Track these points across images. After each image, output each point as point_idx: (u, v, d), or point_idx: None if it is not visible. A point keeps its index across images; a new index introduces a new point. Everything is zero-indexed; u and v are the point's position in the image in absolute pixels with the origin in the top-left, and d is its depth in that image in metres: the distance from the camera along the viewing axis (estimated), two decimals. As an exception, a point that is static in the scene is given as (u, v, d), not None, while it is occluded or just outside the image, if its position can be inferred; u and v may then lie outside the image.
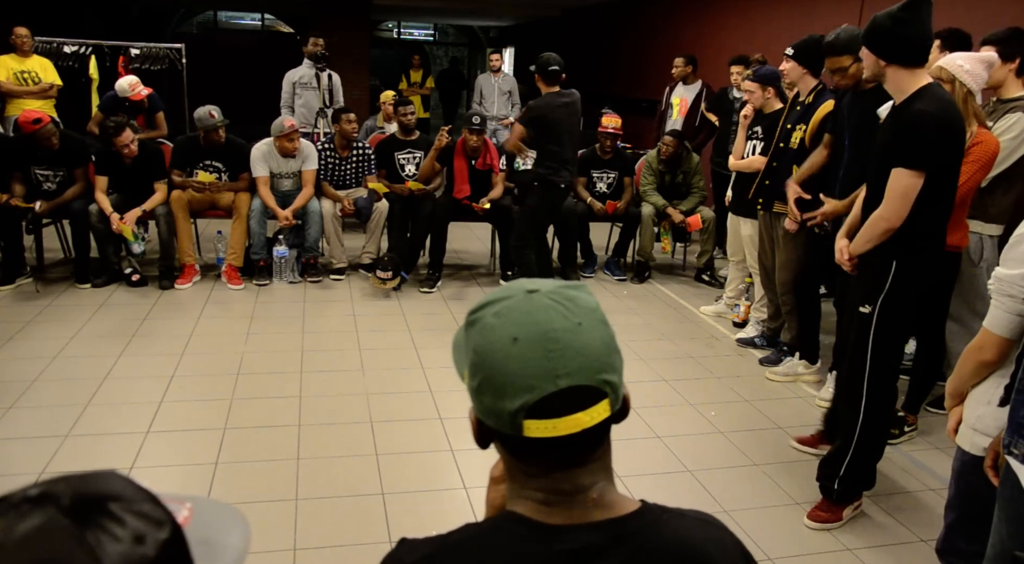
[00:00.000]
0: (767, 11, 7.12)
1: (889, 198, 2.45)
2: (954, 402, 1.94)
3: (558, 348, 0.74)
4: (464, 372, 0.81)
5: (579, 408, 0.74)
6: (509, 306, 0.77)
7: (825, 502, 2.75)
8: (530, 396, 0.73)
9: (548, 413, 0.73)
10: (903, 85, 2.43)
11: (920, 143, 2.37)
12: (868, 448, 2.67)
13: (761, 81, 4.22)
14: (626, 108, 8.29)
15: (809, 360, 3.98)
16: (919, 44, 2.39)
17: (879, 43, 2.40)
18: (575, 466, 0.78)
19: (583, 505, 0.78)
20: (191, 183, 5.10)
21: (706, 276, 5.75)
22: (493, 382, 0.75)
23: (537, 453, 0.77)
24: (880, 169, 2.53)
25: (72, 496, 0.51)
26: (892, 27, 2.35)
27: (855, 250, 2.65)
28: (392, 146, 5.63)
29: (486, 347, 0.76)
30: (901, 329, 2.63)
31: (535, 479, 0.79)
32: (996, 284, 1.71)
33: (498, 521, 0.81)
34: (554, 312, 0.76)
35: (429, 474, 2.93)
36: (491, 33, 19.03)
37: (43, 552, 0.48)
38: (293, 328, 4.39)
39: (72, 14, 12.27)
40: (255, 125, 6.31)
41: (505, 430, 0.75)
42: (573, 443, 0.76)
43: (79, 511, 0.50)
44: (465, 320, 0.82)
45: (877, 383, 2.60)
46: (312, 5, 11.01)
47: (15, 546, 0.47)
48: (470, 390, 0.79)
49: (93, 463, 2.87)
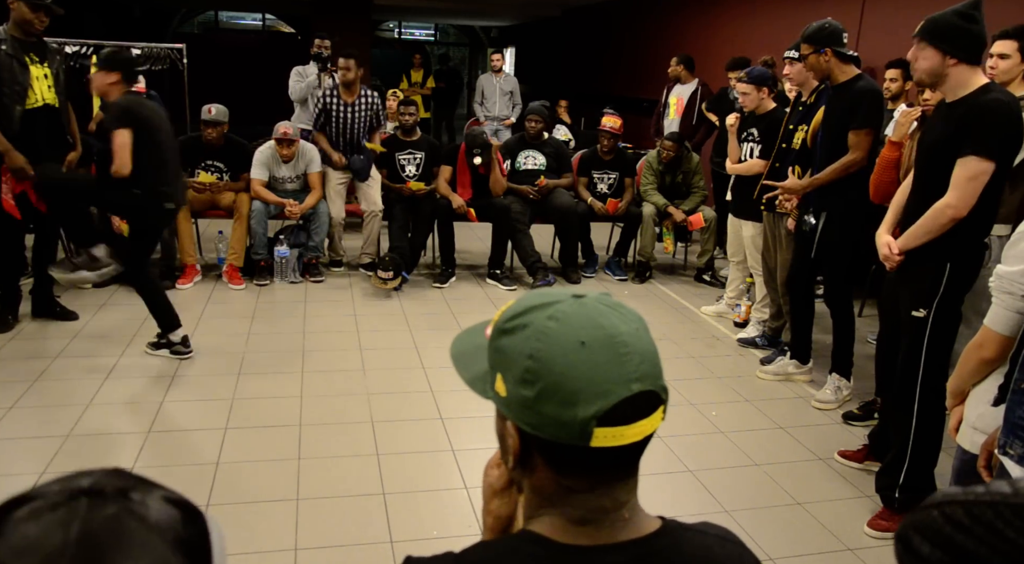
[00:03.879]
0: (767, 11, 7.12)
1: (957, 187, 2.42)
2: (955, 401, 1.93)
3: (628, 352, 0.71)
4: (500, 381, 0.75)
5: (644, 415, 0.72)
6: (564, 311, 0.73)
7: (886, 511, 2.74)
8: (604, 402, 0.69)
9: (618, 420, 0.70)
10: (967, 82, 2.43)
11: (994, 131, 2.37)
12: (924, 453, 2.66)
13: (755, 82, 4.22)
14: (626, 108, 8.29)
15: (800, 360, 3.97)
16: (983, 41, 2.43)
17: (948, 39, 2.39)
18: (620, 480, 0.76)
19: (613, 523, 0.75)
20: (192, 183, 5.11)
21: (707, 276, 5.74)
22: (561, 389, 0.70)
23: (591, 466, 0.73)
24: (933, 163, 2.52)
25: (105, 485, 0.52)
26: (962, 23, 2.37)
27: (910, 244, 2.59)
28: (393, 146, 5.62)
29: (549, 352, 0.71)
30: (953, 331, 2.62)
31: (576, 495, 0.75)
32: (996, 281, 1.71)
33: (515, 542, 0.77)
34: (614, 316, 0.73)
35: (430, 474, 2.93)
36: (492, 33, 19.03)
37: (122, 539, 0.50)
38: (294, 328, 4.39)
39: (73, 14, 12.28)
40: (256, 125, 6.31)
41: (571, 440, 0.71)
42: (628, 454, 0.73)
43: (115, 495, 0.52)
44: (498, 327, 0.76)
45: (929, 388, 2.59)
46: (313, 5, 11.03)
47: (110, 541, 0.49)
48: (518, 400, 0.73)
49: (93, 463, 2.86)
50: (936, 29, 2.41)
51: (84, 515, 0.49)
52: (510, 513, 0.87)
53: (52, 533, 0.48)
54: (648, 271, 5.75)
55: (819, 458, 3.20)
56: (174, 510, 0.54)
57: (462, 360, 0.84)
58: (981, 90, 2.42)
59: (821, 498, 2.89)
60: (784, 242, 3.94)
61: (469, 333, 0.87)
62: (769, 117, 4.23)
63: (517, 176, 5.72)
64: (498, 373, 0.75)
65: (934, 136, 2.56)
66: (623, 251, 5.97)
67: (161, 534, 0.51)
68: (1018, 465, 1.53)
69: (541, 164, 5.77)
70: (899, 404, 2.70)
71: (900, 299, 2.73)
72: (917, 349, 2.60)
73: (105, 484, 0.52)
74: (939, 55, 2.41)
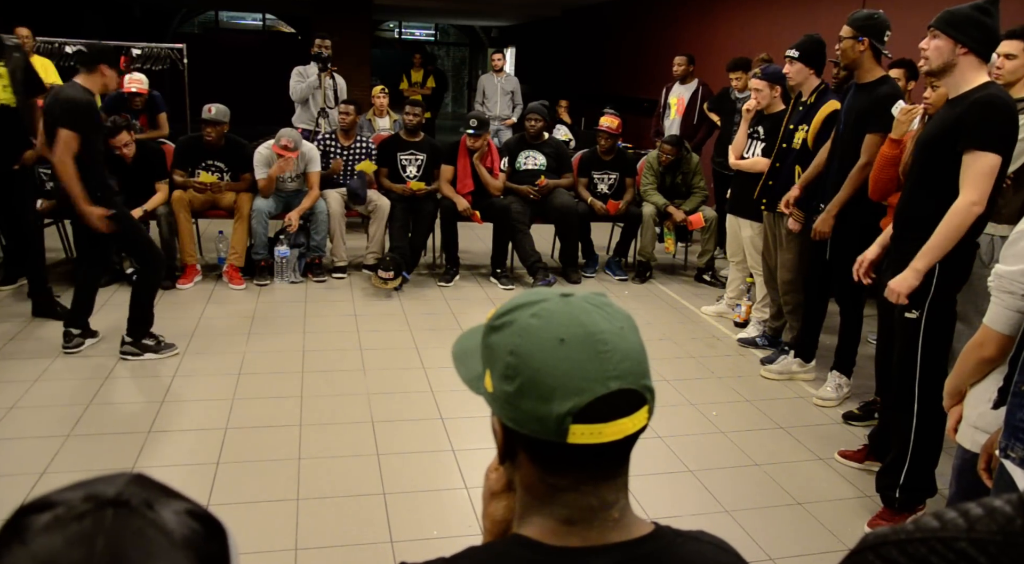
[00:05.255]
0: (767, 11, 7.12)
1: (976, 183, 2.41)
2: (953, 401, 1.93)
3: (607, 349, 0.71)
4: (488, 377, 0.77)
5: (624, 414, 0.72)
6: (547, 309, 0.74)
7: (887, 511, 2.74)
8: (580, 399, 0.70)
9: (595, 418, 0.71)
10: (971, 76, 2.44)
11: (996, 126, 2.39)
12: (925, 454, 2.66)
13: (769, 79, 4.21)
14: (626, 108, 8.29)
15: (804, 359, 3.97)
16: (994, 36, 2.45)
17: (962, 29, 2.41)
18: (606, 479, 0.76)
19: (603, 524, 0.75)
20: (193, 183, 5.11)
21: (707, 276, 5.74)
22: (538, 385, 0.71)
23: (573, 463, 0.74)
24: (927, 157, 2.53)
25: (125, 494, 0.52)
26: (977, 15, 2.39)
27: (937, 256, 2.50)
28: (395, 146, 5.62)
29: (528, 348, 0.72)
30: (949, 330, 2.62)
31: (562, 494, 0.75)
32: (996, 280, 1.71)
33: (504, 547, 0.78)
34: (597, 315, 0.74)
35: (430, 474, 2.93)
36: (492, 33, 19.04)
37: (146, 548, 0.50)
38: (294, 328, 4.39)
39: (73, 14, 12.29)
40: (256, 125, 6.31)
41: (548, 436, 0.71)
42: (610, 452, 0.74)
43: (136, 506, 0.52)
44: (489, 324, 0.78)
45: (928, 388, 2.59)
46: (313, 5, 11.03)
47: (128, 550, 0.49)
48: (501, 396, 0.74)
49: (94, 463, 2.88)
50: (952, 18, 2.43)
51: (109, 528, 0.49)
52: (508, 517, 0.87)
53: (76, 547, 0.47)
54: (648, 271, 5.75)
55: (819, 458, 3.20)
56: (198, 525, 0.53)
57: (462, 359, 0.84)
58: (981, 87, 2.43)
59: (821, 498, 2.89)
60: (784, 242, 3.94)
61: (471, 333, 0.87)
62: (776, 117, 4.22)
63: (517, 176, 5.71)
64: (487, 369, 0.77)
65: (931, 131, 2.57)
66: (623, 251, 5.97)
67: (185, 551, 0.51)
68: (1020, 468, 1.53)
69: (541, 164, 5.77)
70: (898, 405, 2.70)
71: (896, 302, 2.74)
72: (912, 350, 2.60)
73: (130, 495, 0.51)
74: (950, 43, 2.43)
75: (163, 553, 0.49)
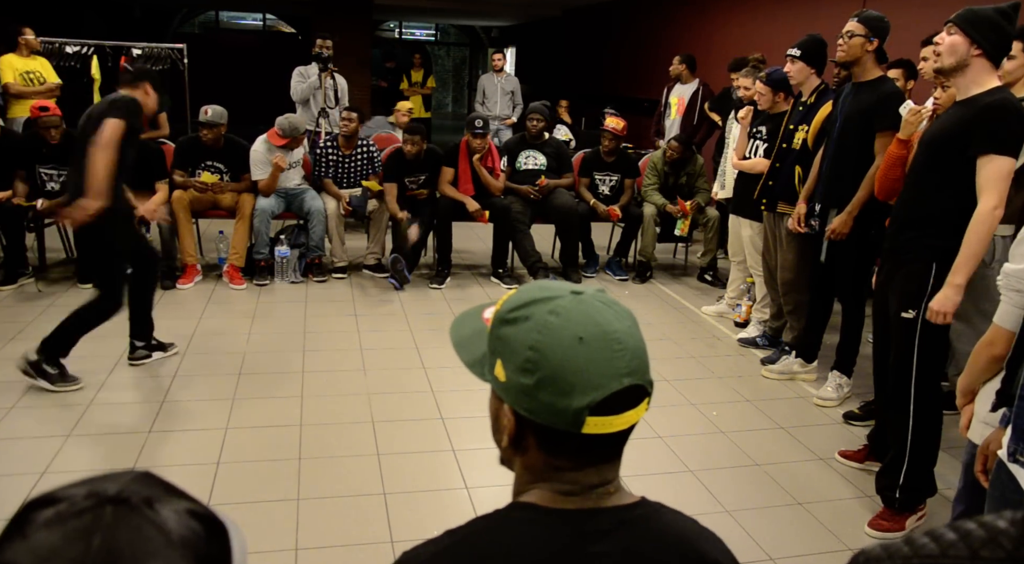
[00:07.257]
0: (767, 11, 7.12)
1: (992, 186, 2.40)
2: (965, 400, 1.94)
3: (621, 348, 0.77)
4: (500, 367, 0.80)
5: (632, 406, 0.78)
6: (564, 306, 0.79)
7: (887, 511, 2.73)
8: (597, 394, 0.75)
9: (608, 410, 0.77)
10: (982, 79, 2.43)
11: (1009, 128, 2.38)
12: (923, 453, 2.65)
13: (774, 86, 4.18)
14: (626, 108, 8.29)
15: (806, 359, 3.97)
16: (1009, 42, 2.45)
17: (981, 30, 2.39)
18: (607, 461, 0.82)
19: (600, 495, 0.82)
20: (193, 183, 5.11)
21: (708, 276, 5.74)
22: (559, 380, 0.76)
23: (581, 449, 0.80)
24: (932, 157, 2.52)
25: (126, 491, 0.52)
26: (997, 18, 2.39)
27: (971, 268, 2.48)
28: (400, 171, 5.53)
29: (549, 345, 0.77)
30: (945, 330, 2.61)
31: (565, 473, 0.81)
32: (1004, 279, 1.73)
33: (506, 510, 0.83)
34: (608, 313, 0.79)
35: (430, 474, 2.93)
36: (492, 33, 19.04)
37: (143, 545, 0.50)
38: (294, 328, 4.39)
39: (74, 14, 12.29)
40: (256, 125, 6.30)
41: (564, 427, 0.77)
42: (615, 440, 0.80)
43: (137, 503, 0.52)
44: (500, 316, 0.82)
45: (925, 387, 2.59)
46: (314, 5, 11.03)
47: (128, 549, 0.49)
48: (517, 387, 0.78)
49: (94, 463, 2.88)
50: (973, 17, 2.41)
51: (107, 525, 0.49)
52: None
53: (73, 542, 0.48)
54: (649, 271, 5.75)
55: (819, 458, 3.20)
56: (198, 525, 0.54)
57: (462, 344, 0.88)
58: (992, 91, 2.43)
59: (821, 498, 2.89)
60: (785, 242, 3.93)
61: (467, 317, 0.92)
62: (780, 117, 4.21)
63: (518, 176, 5.71)
64: (498, 359, 0.81)
65: (937, 131, 2.56)
66: (624, 251, 5.97)
67: (182, 550, 0.51)
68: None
69: (542, 164, 5.77)
70: (895, 405, 2.70)
71: (889, 301, 2.74)
72: (908, 350, 2.60)
73: (132, 493, 0.52)
74: (967, 42, 2.41)
75: (159, 551, 0.49)
